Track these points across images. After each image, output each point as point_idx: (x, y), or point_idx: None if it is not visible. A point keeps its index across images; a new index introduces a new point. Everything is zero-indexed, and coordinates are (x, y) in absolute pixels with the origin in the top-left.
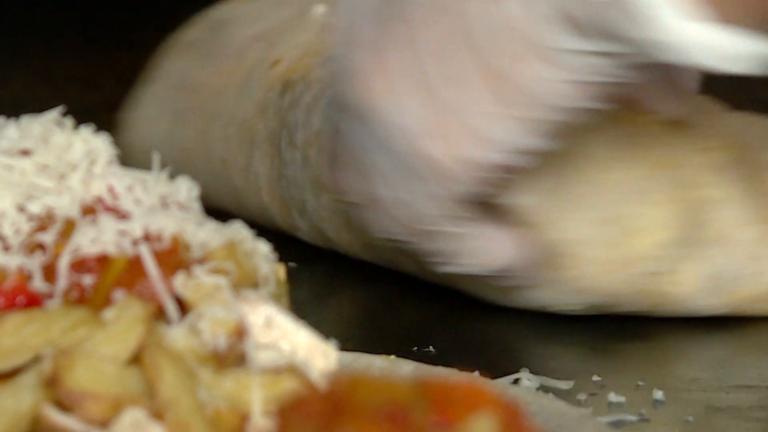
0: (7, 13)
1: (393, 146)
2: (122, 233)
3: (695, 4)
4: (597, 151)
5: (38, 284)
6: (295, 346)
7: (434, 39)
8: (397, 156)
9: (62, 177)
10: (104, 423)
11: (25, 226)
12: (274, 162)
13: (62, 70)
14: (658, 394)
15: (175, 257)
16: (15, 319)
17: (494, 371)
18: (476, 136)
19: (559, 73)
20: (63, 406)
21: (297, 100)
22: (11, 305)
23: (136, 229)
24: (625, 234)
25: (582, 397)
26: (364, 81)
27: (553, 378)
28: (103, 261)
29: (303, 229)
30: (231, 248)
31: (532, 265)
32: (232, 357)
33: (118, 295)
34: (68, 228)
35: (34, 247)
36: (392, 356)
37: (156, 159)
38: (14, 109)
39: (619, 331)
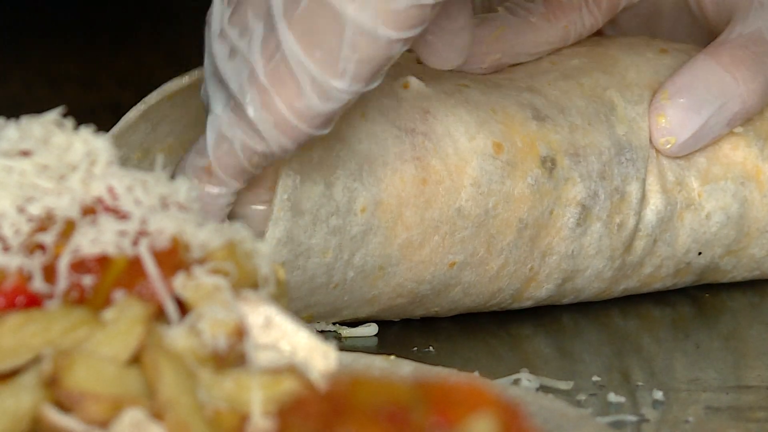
0: (7, 13)
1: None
2: (122, 234)
3: None
4: None
5: (38, 285)
6: (295, 346)
7: None
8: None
9: (62, 178)
10: (104, 423)
11: (25, 227)
12: None
13: (62, 70)
14: (658, 395)
15: (174, 258)
16: (15, 320)
17: (494, 371)
18: (315, 83)
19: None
20: (63, 406)
21: None
22: (11, 305)
23: (135, 229)
24: None
25: (582, 397)
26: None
27: (553, 378)
28: (103, 261)
29: None
30: (231, 249)
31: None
32: (231, 357)
33: (118, 295)
34: (68, 228)
35: (34, 248)
36: (392, 356)
37: (159, 159)
38: (13, 110)
39: (619, 332)
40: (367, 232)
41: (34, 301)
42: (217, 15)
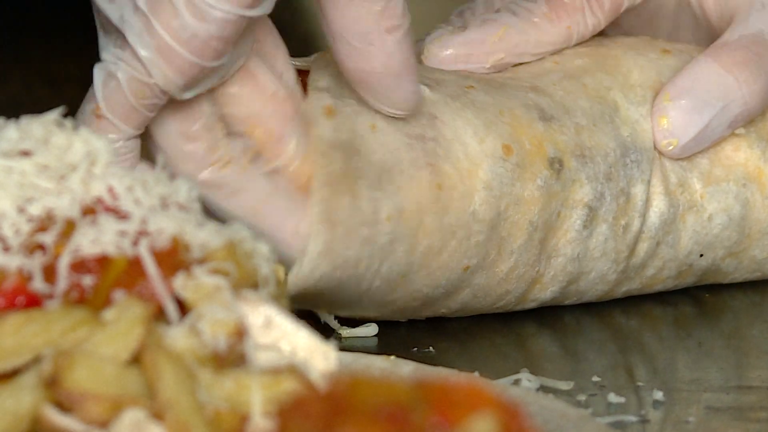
0: (7, 13)
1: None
2: (122, 234)
3: None
4: None
5: (38, 285)
6: (295, 346)
7: None
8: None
9: (62, 178)
10: (104, 423)
11: (25, 227)
12: None
13: (62, 70)
14: (658, 395)
15: (175, 258)
16: (15, 320)
17: (494, 372)
18: (188, 3)
19: None
20: (63, 406)
21: None
22: (11, 306)
23: (135, 229)
24: None
25: (582, 397)
26: None
27: (553, 378)
28: (103, 261)
29: None
30: (231, 249)
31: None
32: (231, 357)
33: (118, 295)
34: (68, 228)
35: (34, 248)
36: (392, 357)
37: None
38: (13, 110)
39: (621, 331)
40: (393, 241)
41: (34, 301)
42: None
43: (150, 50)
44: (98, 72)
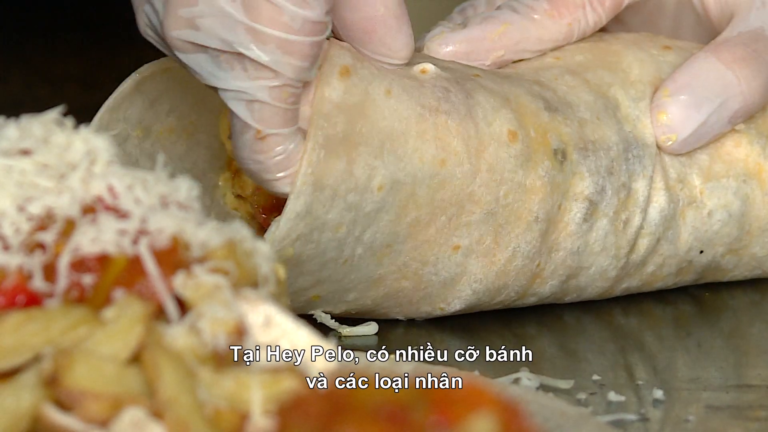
0: (7, 13)
1: None
2: (122, 233)
3: None
4: None
5: (38, 283)
6: (295, 345)
7: None
8: None
9: (62, 177)
10: (104, 422)
11: (25, 226)
12: None
13: (62, 69)
14: (658, 394)
15: (174, 256)
16: (15, 319)
17: (494, 371)
18: None
19: None
20: (63, 405)
21: None
22: (11, 304)
23: (135, 228)
24: None
25: (582, 396)
26: None
27: (553, 377)
28: (103, 260)
29: None
30: (231, 247)
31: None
32: (231, 356)
33: (118, 294)
34: (68, 227)
35: (34, 247)
36: (392, 356)
37: (160, 159)
38: (14, 109)
39: (621, 330)
40: (380, 210)
41: (34, 300)
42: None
43: (272, 53)
44: (236, 104)
